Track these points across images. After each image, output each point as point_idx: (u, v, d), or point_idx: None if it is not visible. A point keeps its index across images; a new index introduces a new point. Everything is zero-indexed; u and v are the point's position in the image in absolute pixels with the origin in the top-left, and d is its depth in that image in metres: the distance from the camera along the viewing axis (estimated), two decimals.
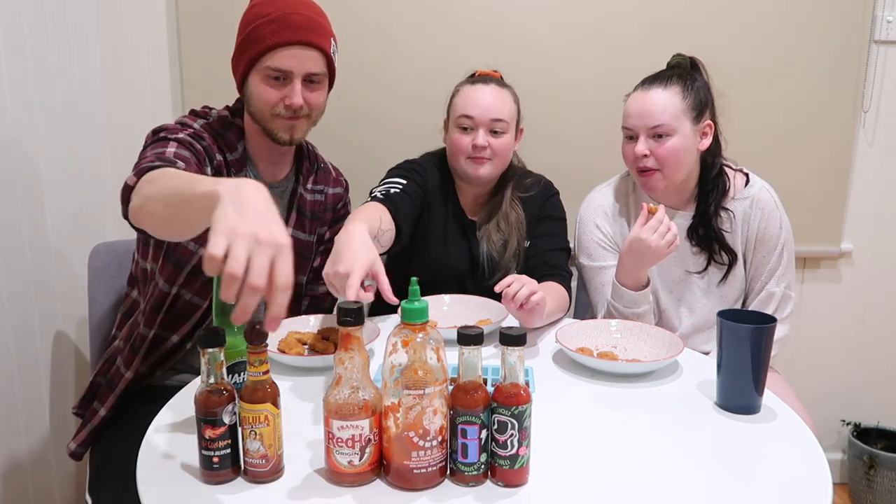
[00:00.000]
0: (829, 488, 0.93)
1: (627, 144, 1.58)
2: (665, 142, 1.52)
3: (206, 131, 1.35)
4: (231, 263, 0.75)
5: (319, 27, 1.34)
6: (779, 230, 1.61)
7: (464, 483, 0.92)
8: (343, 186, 1.60)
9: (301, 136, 1.39)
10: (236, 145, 1.38)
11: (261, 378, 0.90)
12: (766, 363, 1.13)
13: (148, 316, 1.42)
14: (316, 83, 1.36)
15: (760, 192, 1.62)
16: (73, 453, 1.47)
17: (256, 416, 0.89)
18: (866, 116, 2.18)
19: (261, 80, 1.33)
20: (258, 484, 0.91)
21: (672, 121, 1.51)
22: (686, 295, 1.67)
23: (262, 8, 1.32)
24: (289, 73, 1.32)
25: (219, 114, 1.42)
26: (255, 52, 1.31)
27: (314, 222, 1.51)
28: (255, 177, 1.43)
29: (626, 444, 1.04)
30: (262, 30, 1.30)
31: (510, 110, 1.60)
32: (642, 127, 1.53)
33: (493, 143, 1.58)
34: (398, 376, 0.88)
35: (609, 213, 1.68)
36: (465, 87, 1.62)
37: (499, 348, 0.91)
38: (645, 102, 1.54)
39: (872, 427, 2.35)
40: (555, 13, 2.05)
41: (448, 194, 1.69)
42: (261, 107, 1.35)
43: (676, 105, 1.52)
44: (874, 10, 2.09)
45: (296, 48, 1.30)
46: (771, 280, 1.61)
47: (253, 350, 0.89)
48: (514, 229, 1.65)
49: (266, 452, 0.90)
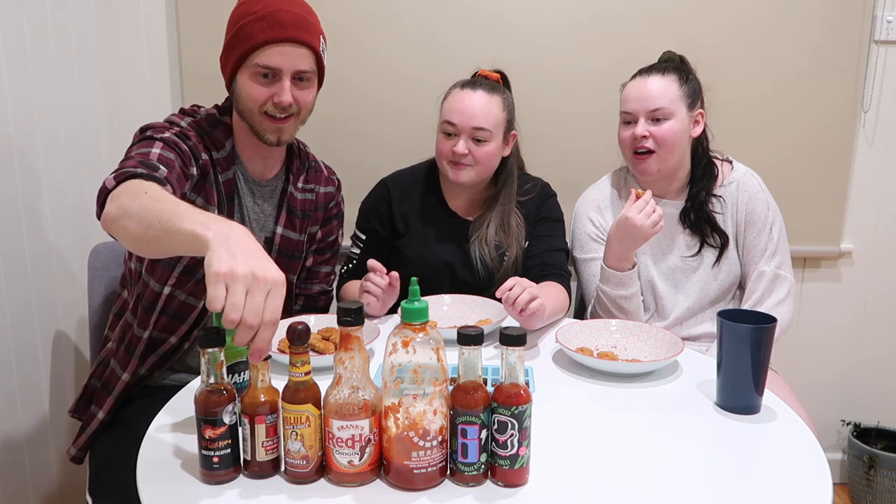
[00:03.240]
0: (829, 488, 0.93)
1: (625, 129, 1.64)
2: (663, 124, 1.59)
3: (193, 129, 1.34)
4: (229, 311, 0.81)
5: (309, 24, 1.33)
6: (766, 210, 1.65)
7: (464, 483, 0.92)
8: (335, 185, 1.60)
9: (289, 138, 1.38)
10: (224, 143, 1.38)
11: (303, 379, 0.90)
12: (766, 363, 1.13)
13: (141, 317, 1.41)
14: (305, 81, 1.35)
15: (745, 176, 1.68)
16: (73, 458, 1.47)
17: (298, 417, 0.89)
18: (866, 116, 2.18)
19: (249, 78, 1.32)
20: (299, 484, 0.91)
21: (670, 104, 1.59)
22: (682, 281, 1.69)
23: (250, 5, 1.31)
24: (277, 71, 1.30)
25: (207, 112, 1.41)
26: (243, 49, 1.30)
27: (305, 221, 1.50)
28: (243, 175, 1.43)
29: (626, 444, 1.04)
30: (250, 27, 1.29)
31: (496, 118, 1.59)
32: (642, 110, 1.60)
33: (474, 150, 1.58)
34: (398, 376, 0.88)
35: (602, 206, 1.73)
36: (454, 91, 1.63)
37: (499, 348, 0.91)
38: (645, 87, 1.61)
39: (872, 427, 2.35)
40: (553, 8, 2.05)
41: (434, 196, 1.71)
42: (249, 105, 1.33)
43: (674, 90, 1.59)
44: (874, 10, 2.09)
45: (285, 45, 1.29)
46: (761, 260, 1.64)
47: (295, 351, 0.89)
48: (514, 238, 1.65)
49: (307, 453, 0.90)
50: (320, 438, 0.92)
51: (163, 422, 1.09)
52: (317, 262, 1.59)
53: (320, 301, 1.64)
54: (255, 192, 1.44)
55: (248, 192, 1.43)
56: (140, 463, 0.97)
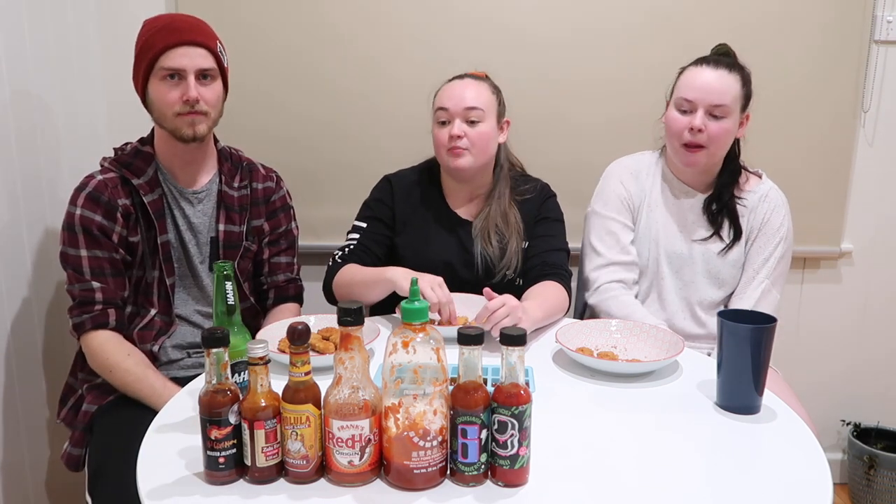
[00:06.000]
0: (829, 488, 0.93)
1: (679, 116, 1.60)
2: (720, 122, 1.57)
3: (112, 170, 1.49)
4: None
5: (204, 29, 1.48)
6: (780, 225, 1.65)
7: (464, 483, 0.92)
8: (273, 181, 1.68)
9: (204, 132, 1.48)
10: (145, 169, 1.51)
11: (303, 379, 0.90)
12: (766, 363, 1.13)
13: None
14: (209, 79, 1.47)
15: (771, 190, 1.68)
16: (68, 456, 1.50)
17: (298, 417, 0.89)
18: (866, 116, 2.18)
19: (159, 82, 1.44)
20: (299, 484, 0.92)
21: (732, 103, 1.56)
22: (684, 269, 1.69)
23: (149, 24, 1.47)
24: (182, 71, 1.43)
25: (131, 146, 1.55)
26: (149, 57, 1.43)
27: (243, 214, 1.60)
28: (176, 189, 1.54)
29: (626, 445, 1.04)
30: (152, 38, 1.44)
31: (487, 100, 1.62)
32: (704, 102, 1.56)
33: (469, 132, 1.59)
34: (398, 376, 0.88)
35: (634, 174, 1.73)
36: (444, 85, 1.66)
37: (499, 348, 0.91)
38: (711, 80, 1.56)
39: (872, 427, 2.35)
40: (554, 8, 2.05)
41: (436, 196, 1.71)
42: (163, 109, 1.45)
43: (737, 90, 1.58)
44: (874, 10, 2.09)
45: (185, 47, 1.43)
46: (762, 271, 1.64)
47: (295, 351, 0.89)
48: (513, 230, 1.65)
49: (307, 453, 0.91)
50: (320, 438, 0.92)
51: (163, 422, 1.09)
52: (273, 253, 1.68)
53: (290, 289, 1.71)
54: (192, 201, 1.56)
55: (187, 202, 1.55)
56: (140, 463, 0.97)
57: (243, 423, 0.91)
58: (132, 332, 1.49)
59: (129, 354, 1.44)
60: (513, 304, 1.36)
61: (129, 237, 1.48)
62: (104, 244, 1.46)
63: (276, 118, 2.08)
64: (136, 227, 1.49)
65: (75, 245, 1.45)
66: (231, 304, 1.06)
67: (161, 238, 1.50)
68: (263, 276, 1.68)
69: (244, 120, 2.00)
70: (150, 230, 1.50)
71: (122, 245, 1.47)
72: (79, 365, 1.55)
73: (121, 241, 1.47)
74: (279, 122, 2.08)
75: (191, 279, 1.57)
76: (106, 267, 1.46)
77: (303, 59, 2.05)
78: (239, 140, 1.71)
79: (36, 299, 1.69)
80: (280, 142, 2.08)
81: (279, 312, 1.66)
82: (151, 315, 1.52)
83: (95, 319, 1.45)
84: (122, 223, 1.47)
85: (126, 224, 1.47)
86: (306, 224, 1.93)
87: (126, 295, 1.50)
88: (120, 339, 1.46)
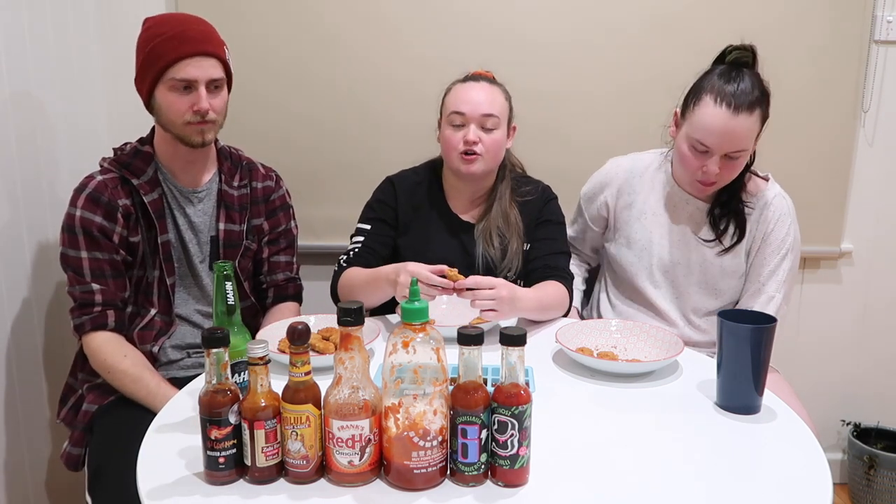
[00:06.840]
0: (829, 488, 0.93)
1: (695, 157, 1.53)
2: (737, 160, 1.52)
3: (112, 170, 1.49)
4: None
5: (214, 37, 1.48)
6: (785, 235, 1.61)
7: (464, 483, 0.92)
8: (273, 180, 1.69)
9: (211, 138, 1.50)
10: (145, 169, 1.51)
11: (303, 379, 0.90)
12: (766, 363, 1.13)
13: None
14: (218, 88, 1.49)
15: (776, 197, 1.63)
16: (68, 456, 1.50)
17: (298, 417, 0.90)
18: (866, 116, 2.18)
19: (168, 92, 1.44)
20: (299, 484, 0.92)
21: (749, 144, 1.52)
22: (678, 278, 1.66)
23: (156, 28, 1.44)
24: (193, 82, 1.43)
25: (131, 146, 1.55)
26: (159, 67, 1.42)
27: (243, 213, 1.61)
28: (176, 188, 1.54)
29: (626, 444, 1.04)
30: (162, 47, 1.42)
31: (501, 106, 1.62)
32: (722, 148, 1.49)
33: (484, 138, 1.59)
34: (398, 376, 0.88)
35: (627, 179, 1.72)
36: (457, 85, 1.64)
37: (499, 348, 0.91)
38: (733, 127, 1.48)
39: (872, 427, 2.35)
40: (556, 13, 2.05)
41: (437, 198, 1.70)
42: (172, 117, 1.46)
43: (756, 130, 1.52)
44: (874, 10, 2.09)
45: (197, 59, 1.43)
46: (769, 283, 1.60)
47: (295, 351, 0.89)
48: (514, 231, 1.65)
49: (307, 453, 0.91)
50: (320, 438, 0.92)
51: (163, 422, 1.09)
52: (273, 252, 1.69)
53: (289, 288, 1.71)
54: (192, 200, 1.56)
55: (187, 202, 1.56)
56: (140, 463, 0.97)
57: (243, 423, 0.91)
58: (132, 333, 1.49)
59: (126, 356, 1.45)
60: (503, 294, 1.37)
61: (130, 237, 1.48)
62: (104, 245, 1.46)
63: (277, 118, 2.08)
64: (137, 228, 1.49)
65: (76, 247, 1.45)
66: (231, 304, 1.06)
67: (161, 238, 1.50)
68: (263, 274, 1.68)
69: (244, 120, 2.00)
70: (151, 230, 1.50)
71: (122, 245, 1.47)
72: (79, 365, 1.55)
73: (121, 242, 1.47)
74: (279, 123, 2.08)
75: (191, 279, 1.57)
76: (106, 268, 1.46)
77: (303, 60, 2.05)
78: (239, 140, 1.71)
79: (36, 300, 1.69)
80: (280, 142, 2.08)
81: (278, 311, 1.66)
82: (151, 315, 1.52)
83: (95, 321, 1.45)
84: (123, 223, 1.47)
85: (126, 224, 1.48)
86: (306, 224, 1.93)
87: (126, 296, 1.50)
88: (119, 340, 1.46)
